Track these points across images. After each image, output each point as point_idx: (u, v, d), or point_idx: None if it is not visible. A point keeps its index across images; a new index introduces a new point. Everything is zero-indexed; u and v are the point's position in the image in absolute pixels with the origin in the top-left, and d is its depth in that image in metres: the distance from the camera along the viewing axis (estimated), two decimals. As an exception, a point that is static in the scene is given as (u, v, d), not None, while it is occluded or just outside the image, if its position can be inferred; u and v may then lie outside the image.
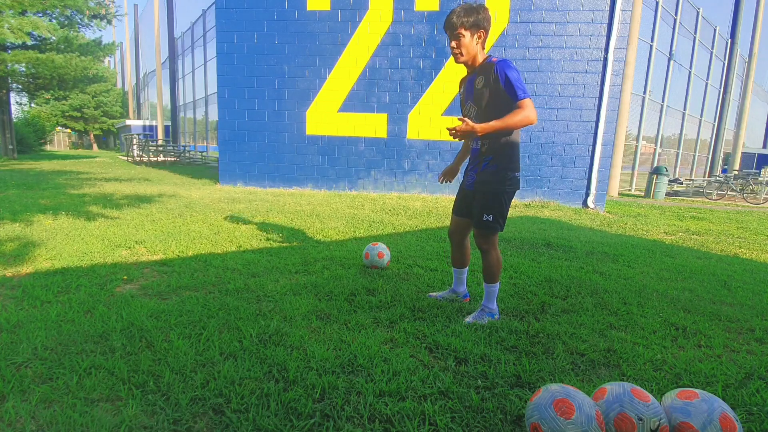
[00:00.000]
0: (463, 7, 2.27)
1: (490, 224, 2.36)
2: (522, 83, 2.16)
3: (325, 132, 9.20)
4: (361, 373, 1.86)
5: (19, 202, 6.18)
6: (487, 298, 2.49)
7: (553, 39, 8.25)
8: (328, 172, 9.35)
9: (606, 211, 8.23)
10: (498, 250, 2.45)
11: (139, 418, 1.52)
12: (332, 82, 9.05)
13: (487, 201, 2.36)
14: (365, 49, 8.86)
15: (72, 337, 2.08)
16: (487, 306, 2.50)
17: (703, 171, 19.63)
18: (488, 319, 2.47)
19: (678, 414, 1.36)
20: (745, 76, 19.66)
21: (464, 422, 1.57)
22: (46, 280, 2.86)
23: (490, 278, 2.45)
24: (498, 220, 2.36)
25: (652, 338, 2.33)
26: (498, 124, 2.14)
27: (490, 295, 2.48)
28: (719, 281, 3.52)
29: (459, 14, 2.25)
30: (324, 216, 5.91)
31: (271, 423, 1.51)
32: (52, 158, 20.17)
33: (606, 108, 8.17)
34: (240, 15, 9.13)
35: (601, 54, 8.11)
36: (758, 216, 8.88)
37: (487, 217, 2.36)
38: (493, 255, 2.42)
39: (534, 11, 8.26)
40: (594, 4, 8.04)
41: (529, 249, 4.41)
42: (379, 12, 8.71)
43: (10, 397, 1.61)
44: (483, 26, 2.27)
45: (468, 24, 2.25)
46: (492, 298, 2.49)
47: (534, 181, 8.65)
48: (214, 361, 1.90)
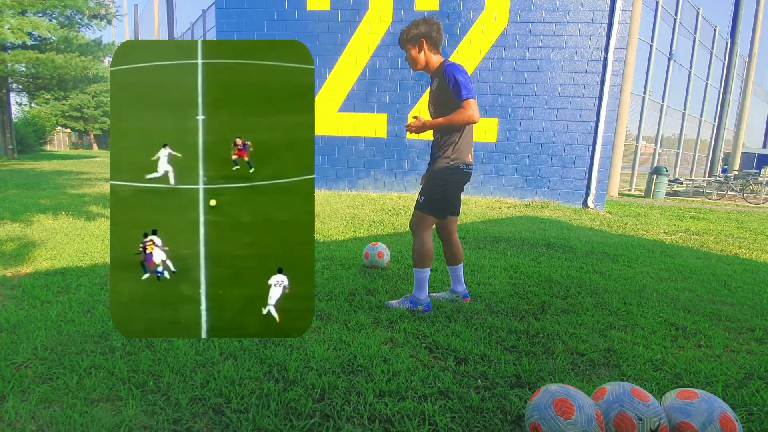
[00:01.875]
0: (409, 25, 2.57)
1: (421, 205, 2.54)
2: (468, 85, 2.36)
3: (325, 132, 9.19)
4: (361, 373, 1.86)
5: (19, 202, 6.18)
6: (415, 285, 2.59)
7: (553, 39, 8.25)
8: (328, 172, 9.35)
9: (606, 211, 8.23)
10: (427, 238, 2.56)
11: (139, 418, 1.52)
12: (332, 82, 9.04)
13: (428, 185, 2.55)
14: (365, 49, 8.86)
15: (72, 337, 2.08)
16: (415, 295, 2.59)
17: (703, 171, 19.63)
18: (409, 307, 2.56)
19: (678, 414, 1.36)
20: (745, 76, 19.66)
21: (464, 422, 1.57)
22: (46, 280, 2.86)
23: (415, 262, 2.58)
24: (429, 203, 2.52)
25: (652, 338, 2.33)
26: (443, 120, 2.42)
27: (417, 283, 2.58)
28: (719, 281, 3.52)
29: (403, 33, 2.57)
30: (324, 216, 5.90)
31: (271, 423, 1.51)
32: (52, 158, 20.17)
33: (606, 108, 8.16)
34: (240, 15, 9.12)
35: (601, 54, 8.11)
36: (758, 216, 8.88)
37: (420, 198, 2.55)
38: (418, 240, 2.55)
39: (534, 11, 8.25)
40: (594, 4, 8.04)
41: (529, 249, 4.41)
42: (379, 12, 8.71)
43: (10, 397, 1.61)
44: (423, 36, 2.49)
45: (409, 40, 2.53)
46: (419, 286, 2.57)
47: (534, 181, 8.65)
48: (214, 361, 1.90)
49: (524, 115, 8.54)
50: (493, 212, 7.19)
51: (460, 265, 2.77)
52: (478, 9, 8.43)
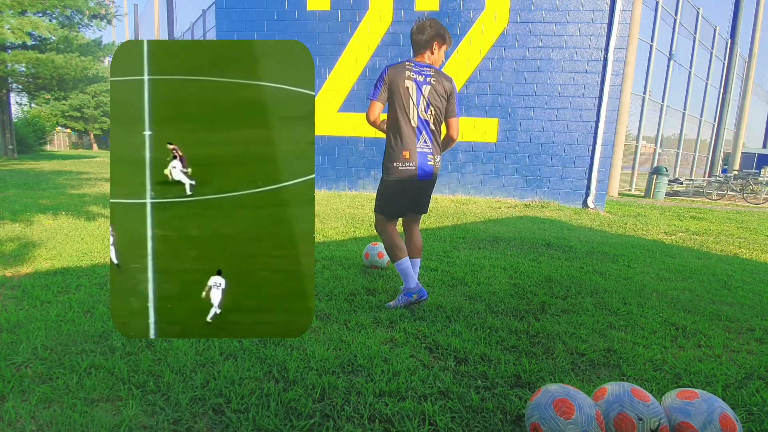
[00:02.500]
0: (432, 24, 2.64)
1: (375, 206, 2.70)
2: (373, 87, 2.53)
3: (325, 132, 9.19)
4: (361, 373, 1.86)
5: (19, 202, 6.18)
6: (402, 278, 2.65)
7: (553, 39, 8.25)
8: (328, 172, 9.35)
9: (606, 211, 8.23)
10: (391, 234, 2.66)
11: (139, 418, 1.52)
12: (332, 82, 9.04)
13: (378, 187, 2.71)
14: (365, 49, 8.86)
15: (72, 337, 2.08)
16: (405, 287, 2.64)
17: (703, 171, 19.63)
18: (406, 301, 2.60)
19: (678, 414, 1.36)
20: (745, 76, 19.66)
21: (464, 422, 1.57)
22: (46, 280, 2.86)
23: (391, 258, 2.67)
24: (378, 203, 2.67)
25: (652, 338, 2.33)
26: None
27: (401, 276, 2.63)
28: (719, 281, 3.52)
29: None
30: (324, 216, 5.90)
31: (271, 423, 1.51)
32: (52, 158, 20.17)
33: (606, 108, 8.16)
34: (240, 15, 9.13)
35: (601, 54, 8.10)
36: (758, 216, 8.88)
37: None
38: (383, 237, 2.68)
39: (534, 11, 8.25)
40: (594, 4, 8.04)
41: (529, 249, 4.41)
42: (379, 12, 8.71)
43: (10, 397, 1.61)
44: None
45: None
46: (404, 277, 2.62)
47: (534, 181, 8.65)
48: (214, 361, 1.90)
49: (524, 115, 8.54)
50: (493, 212, 7.19)
51: (417, 260, 2.80)
52: (478, 9, 8.43)
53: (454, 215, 6.51)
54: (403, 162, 2.54)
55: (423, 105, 2.51)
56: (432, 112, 2.54)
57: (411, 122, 2.51)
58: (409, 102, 2.49)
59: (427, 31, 2.51)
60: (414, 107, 2.50)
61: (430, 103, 2.52)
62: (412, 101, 2.49)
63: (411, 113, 2.50)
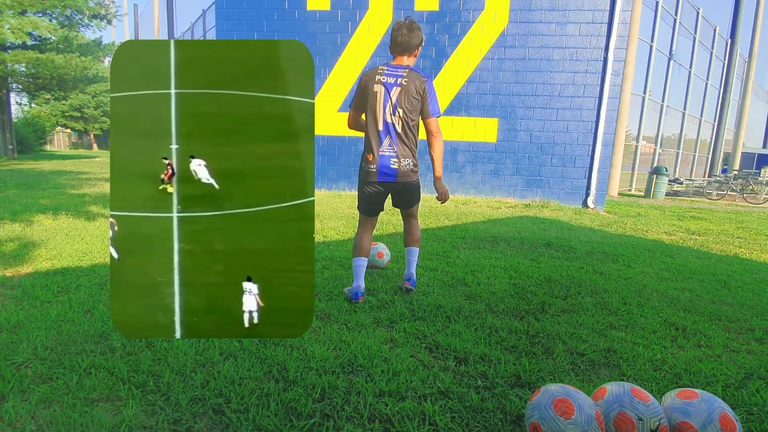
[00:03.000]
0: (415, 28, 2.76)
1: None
2: (352, 96, 2.70)
3: (325, 132, 9.19)
4: (361, 373, 1.86)
5: (19, 202, 6.18)
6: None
7: (553, 39, 8.24)
8: (328, 172, 9.34)
9: (606, 211, 8.23)
10: (358, 231, 2.82)
11: (139, 418, 1.52)
12: (332, 82, 9.04)
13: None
14: (365, 49, 8.86)
15: (72, 337, 2.08)
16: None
17: (703, 171, 19.63)
18: (347, 293, 2.72)
19: (678, 414, 1.36)
20: (745, 76, 19.66)
21: (464, 422, 1.57)
22: (46, 280, 2.86)
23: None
24: (358, 201, 2.80)
25: (652, 338, 2.33)
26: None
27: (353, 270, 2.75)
28: (719, 281, 3.52)
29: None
30: (324, 216, 5.91)
31: (271, 423, 1.51)
32: (52, 158, 20.17)
33: (606, 108, 8.16)
34: (240, 15, 9.12)
35: (601, 54, 8.10)
36: (758, 216, 8.88)
37: None
38: (357, 233, 2.84)
39: (534, 11, 8.25)
40: (594, 4, 8.04)
41: (529, 249, 4.41)
42: (379, 12, 8.71)
43: (10, 397, 1.61)
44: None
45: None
46: (354, 274, 2.73)
47: (534, 181, 8.65)
48: (214, 361, 1.90)
49: (524, 115, 8.53)
50: (493, 212, 7.19)
51: (413, 249, 2.89)
52: (478, 9, 8.42)
53: (454, 215, 6.51)
54: (367, 163, 2.65)
55: (390, 108, 2.56)
56: (400, 114, 2.56)
57: (377, 125, 2.59)
58: (376, 105, 2.56)
59: (418, 35, 2.63)
60: (381, 111, 2.56)
61: (398, 105, 2.55)
62: (379, 105, 2.56)
63: (378, 116, 2.57)
